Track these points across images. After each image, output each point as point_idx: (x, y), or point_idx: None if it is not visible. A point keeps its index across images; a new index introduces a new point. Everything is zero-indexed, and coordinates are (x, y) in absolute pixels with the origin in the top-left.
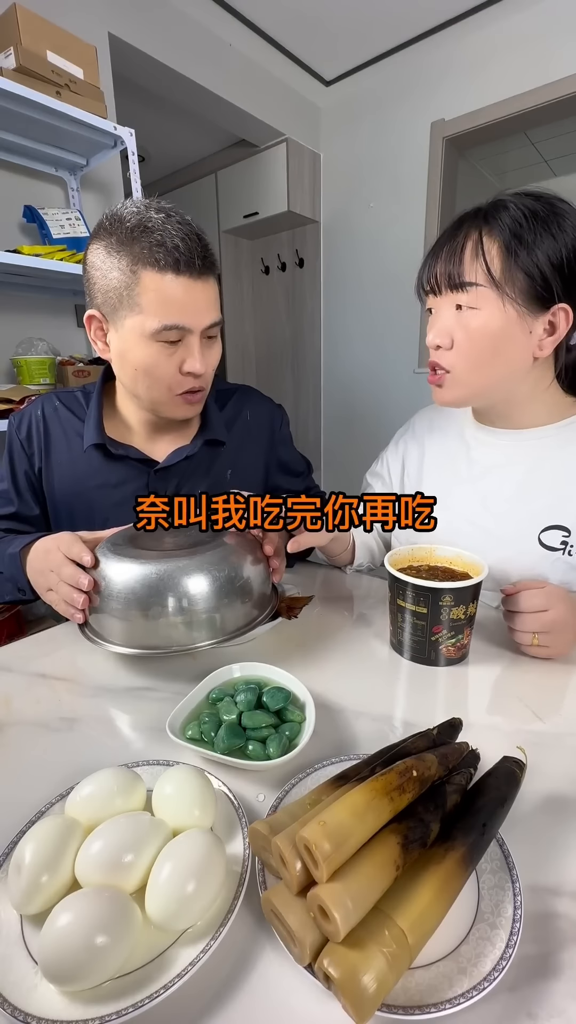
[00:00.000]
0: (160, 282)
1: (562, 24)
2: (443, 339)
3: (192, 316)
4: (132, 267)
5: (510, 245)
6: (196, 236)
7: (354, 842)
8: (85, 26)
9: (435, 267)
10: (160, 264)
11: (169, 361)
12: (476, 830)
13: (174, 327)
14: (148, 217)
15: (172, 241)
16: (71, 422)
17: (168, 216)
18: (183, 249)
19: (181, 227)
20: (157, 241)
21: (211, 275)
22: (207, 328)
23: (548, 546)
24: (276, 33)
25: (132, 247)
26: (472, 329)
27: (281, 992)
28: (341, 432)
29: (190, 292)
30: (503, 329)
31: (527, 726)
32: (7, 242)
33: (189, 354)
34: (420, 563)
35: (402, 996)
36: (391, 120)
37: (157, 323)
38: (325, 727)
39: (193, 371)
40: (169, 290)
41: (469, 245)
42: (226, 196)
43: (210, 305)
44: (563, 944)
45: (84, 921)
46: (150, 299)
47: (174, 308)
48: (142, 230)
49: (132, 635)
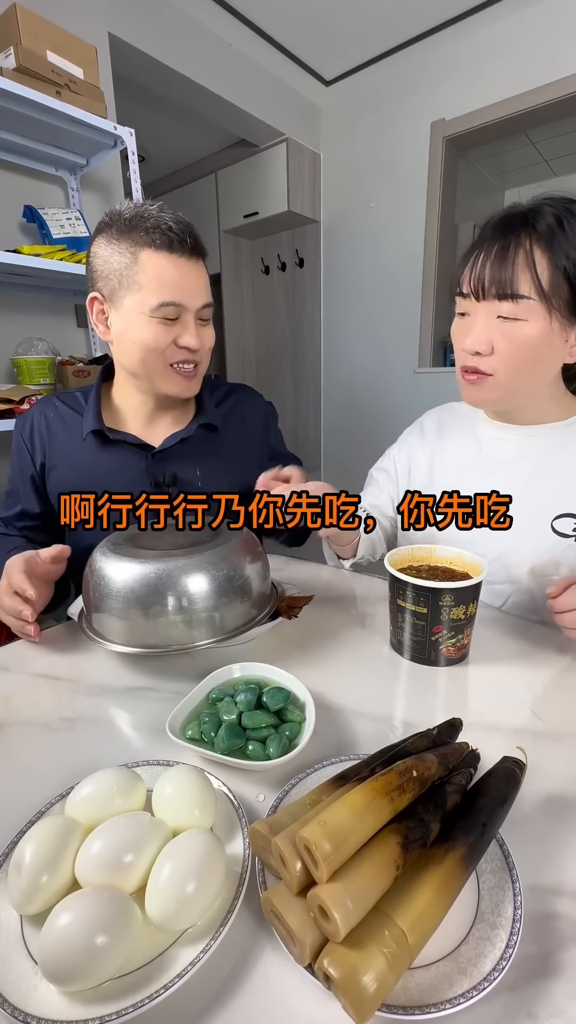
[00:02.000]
0: (157, 260)
1: (562, 24)
2: (483, 346)
3: (187, 295)
4: (131, 249)
5: (558, 257)
6: (186, 223)
7: (354, 842)
8: (85, 26)
9: (481, 273)
10: (156, 244)
11: (166, 336)
12: (476, 830)
13: (171, 303)
14: (144, 208)
15: (166, 224)
16: (71, 418)
17: (161, 208)
18: (176, 230)
19: (173, 215)
20: (153, 225)
21: (202, 259)
22: (200, 309)
23: (561, 533)
24: (276, 33)
25: (131, 233)
26: (517, 339)
27: (281, 992)
28: (341, 432)
29: (184, 272)
30: (546, 339)
31: (527, 726)
32: (7, 242)
33: (185, 330)
34: (420, 563)
35: (402, 996)
36: (391, 120)
37: (155, 300)
38: (325, 727)
39: (189, 346)
40: (165, 268)
41: (520, 255)
42: (226, 196)
43: (203, 287)
44: (563, 944)
45: (84, 921)
46: (149, 277)
47: (171, 286)
48: (139, 218)
49: (132, 634)
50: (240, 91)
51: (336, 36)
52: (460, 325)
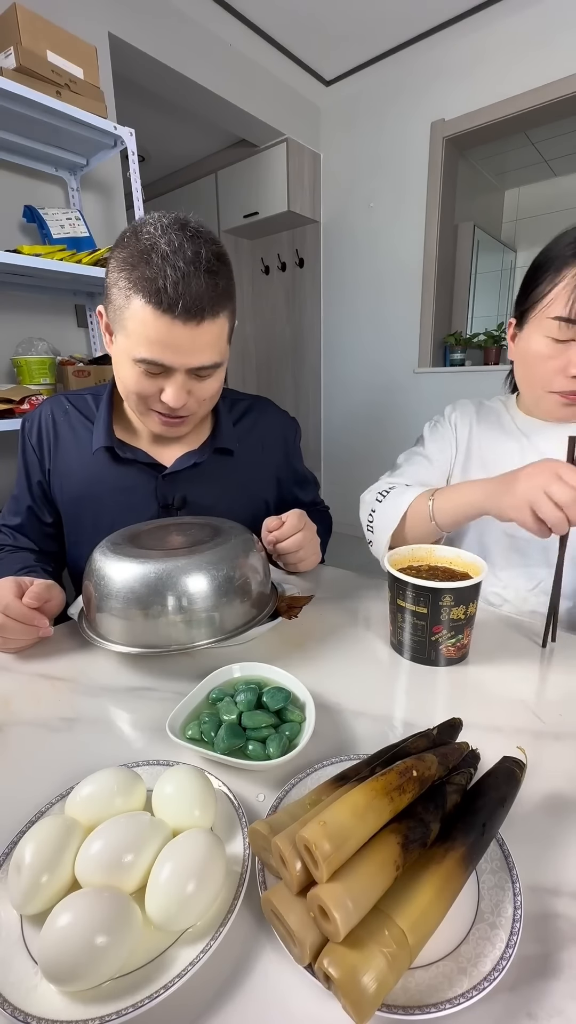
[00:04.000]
0: (145, 314)
1: (562, 24)
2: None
3: (174, 356)
4: (128, 291)
5: None
6: (204, 276)
7: (354, 842)
8: (85, 26)
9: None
10: (146, 296)
11: (151, 386)
12: (476, 830)
13: (153, 362)
14: (156, 244)
15: (168, 280)
16: (81, 424)
17: (179, 248)
18: (178, 291)
19: (187, 266)
20: (152, 275)
21: (209, 319)
22: (196, 369)
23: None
24: (276, 33)
25: (132, 271)
26: None
27: (281, 992)
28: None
29: (175, 334)
30: None
31: (527, 726)
32: (7, 242)
33: (168, 385)
34: (420, 563)
35: (402, 996)
36: (391, 120)
37: (137, 353)
38: (325, 727)
39: (168, 403)
40: (152, 326)
41: None
42: (226, 196)
43: (201, 348)
44: (563, 944)
45: (84, 921)
46: (135, 328)
47: (156, 345)
48: (146, 259)
49: (132, 634)
50: (240, 91)
51: (336, 36)
52: (555, 349)
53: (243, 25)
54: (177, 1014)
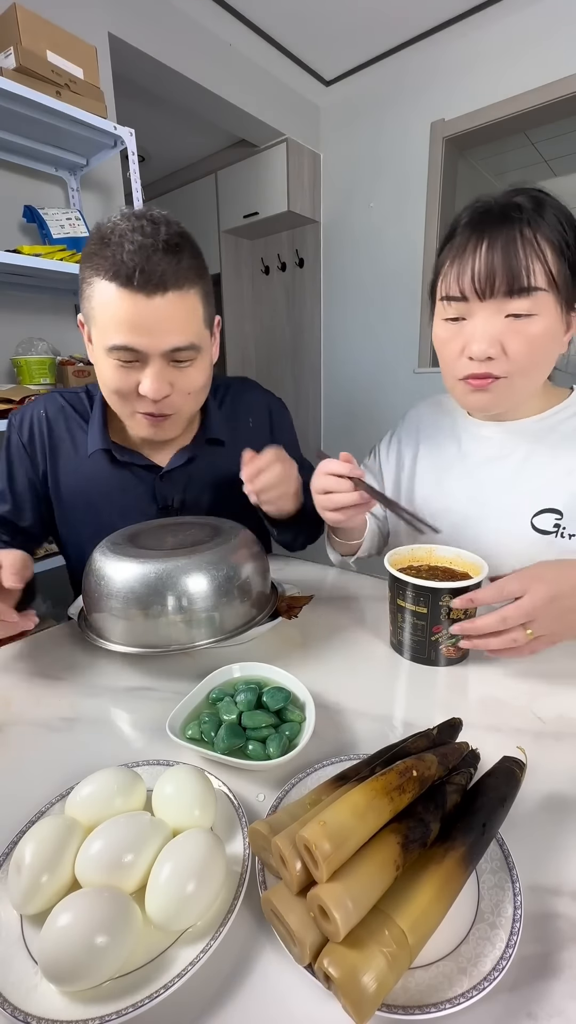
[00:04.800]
0: (108, 294)
1: (562, 24)
2: (496, 349)
3: (144, 338)
4: (91, 278)
5: (560, 243)
6: (163, 247)
7: (354, 842)
8: (85, 26)
9: (488, 269)
10: (107, 273)
11: (127, 380)
12: (476, 830)
13: (123, 347)
14: (116, 226)
15: (126, 251)
16: (76, 423)
17: (139, 226)
18: (135, 261)
19: (144, 239)
20: (111, 252)
21: (174, 291)
22: (171, 351)
23: (541, 530)
24: (276, 33)
25: (93, 258)
26: (532, 337)
27: (281, 992)
28: (341, 431)
29: (141, 310)
30: (554, 332)
31: (527, 726)
32: (7, 242)
33: (144, 376)
34: (420, 563)
35: (402, 996)
36: (391, 120)
37: (106, 342)
38: (325, 727)
39: (146, 394)
40: (116, 304)
41: (528, 247)
42: (226, 196)
43: (170, 325)
44: (563, 944)
45: (84, 921)
46: (101, 312)
47: (123, 327)
48: (105, 242)
49: (132, 634)
50: (240, 91)
51: (336, 36)
52: (450, 331)
53: (243, 25)
54: (177, 1014)
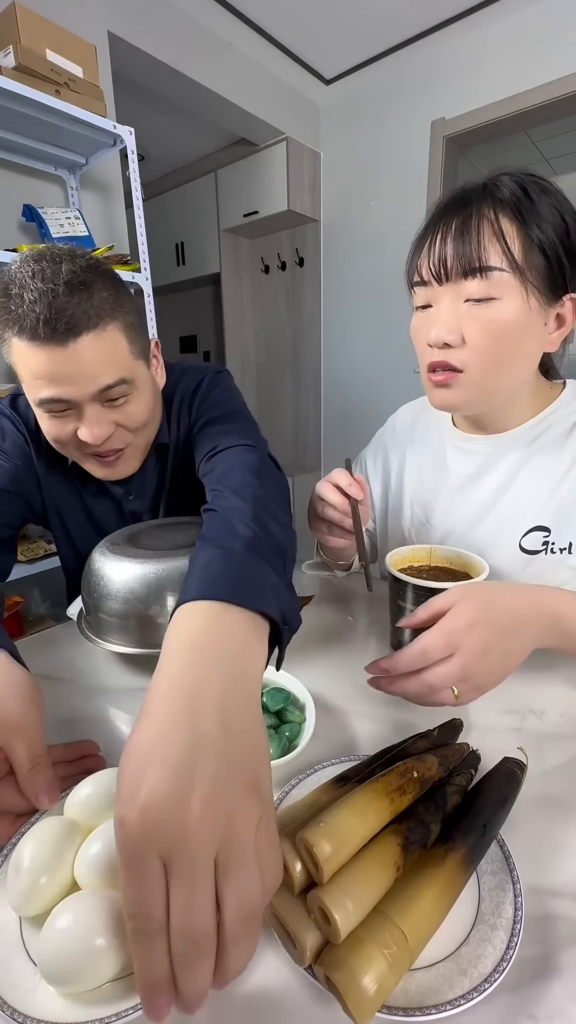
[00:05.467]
0: (20, 350)
1: (562, 23)
2: (453, 335)
3: (67, 387)
4: (3, 333)
5: (529, 227)
6: (64, 290)
7: (354, 843)
8: (84, 25)
9: (442, 251)
10: (14, 329)
11: (65, 428)
12: (476, 831)
13: (51, 400)
14: (14, 278)
15: (26, 302)
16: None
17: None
18: (36, 311)
19: (45, 283)
20: (15, 306)
21: (88, 332)
22: (100, 393)
23: (529, 551)
24: (276, 32)
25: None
26: (490, 322)
27: (281, 993)
28: (341, 431)
29: (56, 360)
30: (524, 322)
31: (528, 727)
32: (6, 241)
33: (82, 423)
34: (420, 563)
35: (402, 997)
36: (391, 119)
37: (34, 396)
38: (325, 728)
39: (85, 440)
40: (30, 360)
41: (486, 226)
42: (226, 195)
43: (91, 369)
44: (563, 945)
45: (84, 923)
46: (21, 368)
47: (43, 380)
48: (7, 294)
49: (132, 634)
50: (240, 90)
51: (336, 35)
52: (420, 319)
53: (243, 24)
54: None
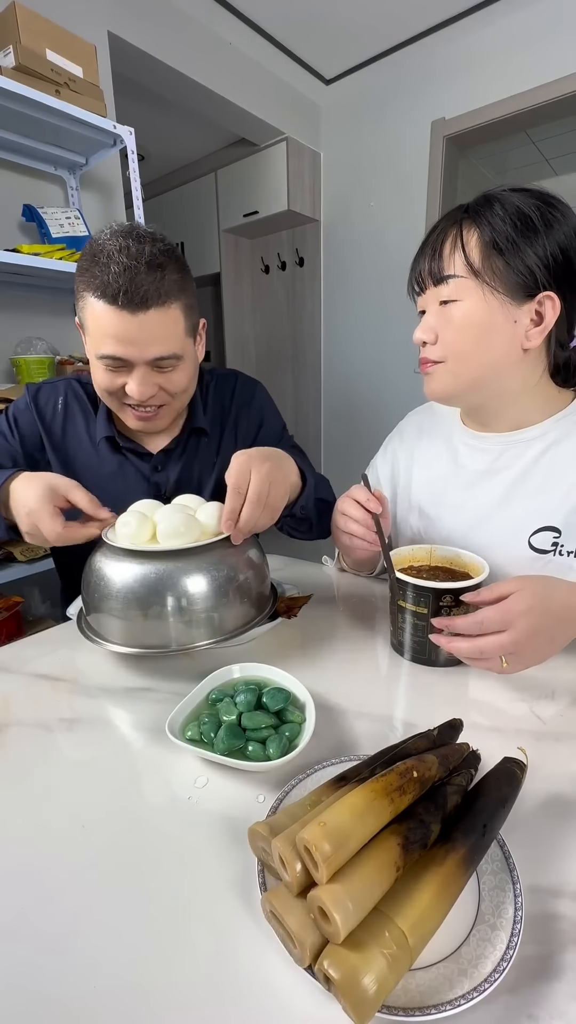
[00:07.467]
0: (96, 309)
1: (562, 23)
2: (427, 334)
3: (129, 348)
4: (83, 292)
5: (484, 230)
6: (145, 267)
7: (354, 843)
8: (85, 24)
9: (420, 266)
10: (96, 292)
11: (115, 381)
12: (477, 831)
13: (110, 357)
14: (104, 247)
15: (112, 272)
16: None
17: (125, 246)
18: (120, 283)
19: (129, 260)
20: (100, 272)
21: (156, 308)
22: (154, 360)
23: (539, 549)
24: (276, 32)
25: (85, 274)
26: (455, 319)
27: (281, 993)
28: (341, 431)
29: (126, 325)
30: (486, 318)
31: (528, 727)
32: (6, 241)
33: (131, 379)
34: (420, 563)
35: (402, 997)
36: (391, 119)
37: (96, 350)
38: (325, 728)
39: (132, 395)
40: (103, 319)
41: (449, 239)
42: (226, 195)
43: (155, 338)
44: (564, 945)
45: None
46: (92, 324)
47: (109, 339)
48: (95, 260)
49: (131, 634)
50: (240, 90)
51: (336, 35)
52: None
53: (243, 24)
54: (176, 1016)
